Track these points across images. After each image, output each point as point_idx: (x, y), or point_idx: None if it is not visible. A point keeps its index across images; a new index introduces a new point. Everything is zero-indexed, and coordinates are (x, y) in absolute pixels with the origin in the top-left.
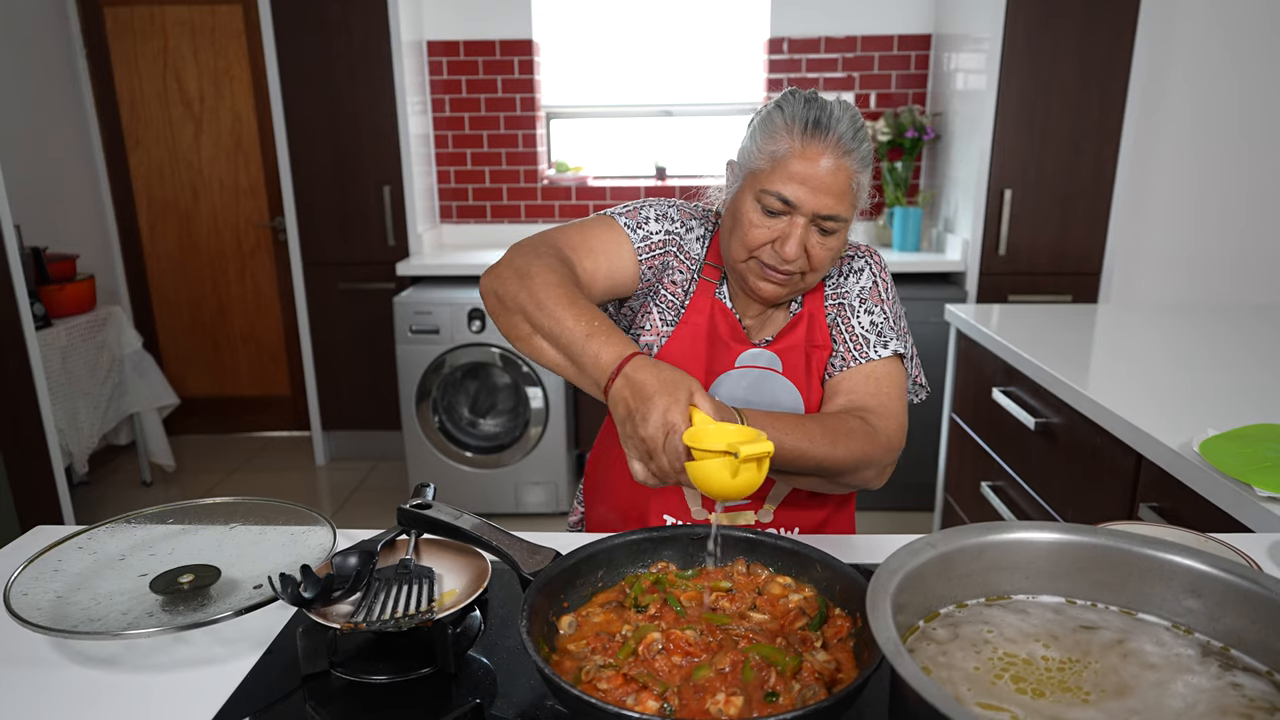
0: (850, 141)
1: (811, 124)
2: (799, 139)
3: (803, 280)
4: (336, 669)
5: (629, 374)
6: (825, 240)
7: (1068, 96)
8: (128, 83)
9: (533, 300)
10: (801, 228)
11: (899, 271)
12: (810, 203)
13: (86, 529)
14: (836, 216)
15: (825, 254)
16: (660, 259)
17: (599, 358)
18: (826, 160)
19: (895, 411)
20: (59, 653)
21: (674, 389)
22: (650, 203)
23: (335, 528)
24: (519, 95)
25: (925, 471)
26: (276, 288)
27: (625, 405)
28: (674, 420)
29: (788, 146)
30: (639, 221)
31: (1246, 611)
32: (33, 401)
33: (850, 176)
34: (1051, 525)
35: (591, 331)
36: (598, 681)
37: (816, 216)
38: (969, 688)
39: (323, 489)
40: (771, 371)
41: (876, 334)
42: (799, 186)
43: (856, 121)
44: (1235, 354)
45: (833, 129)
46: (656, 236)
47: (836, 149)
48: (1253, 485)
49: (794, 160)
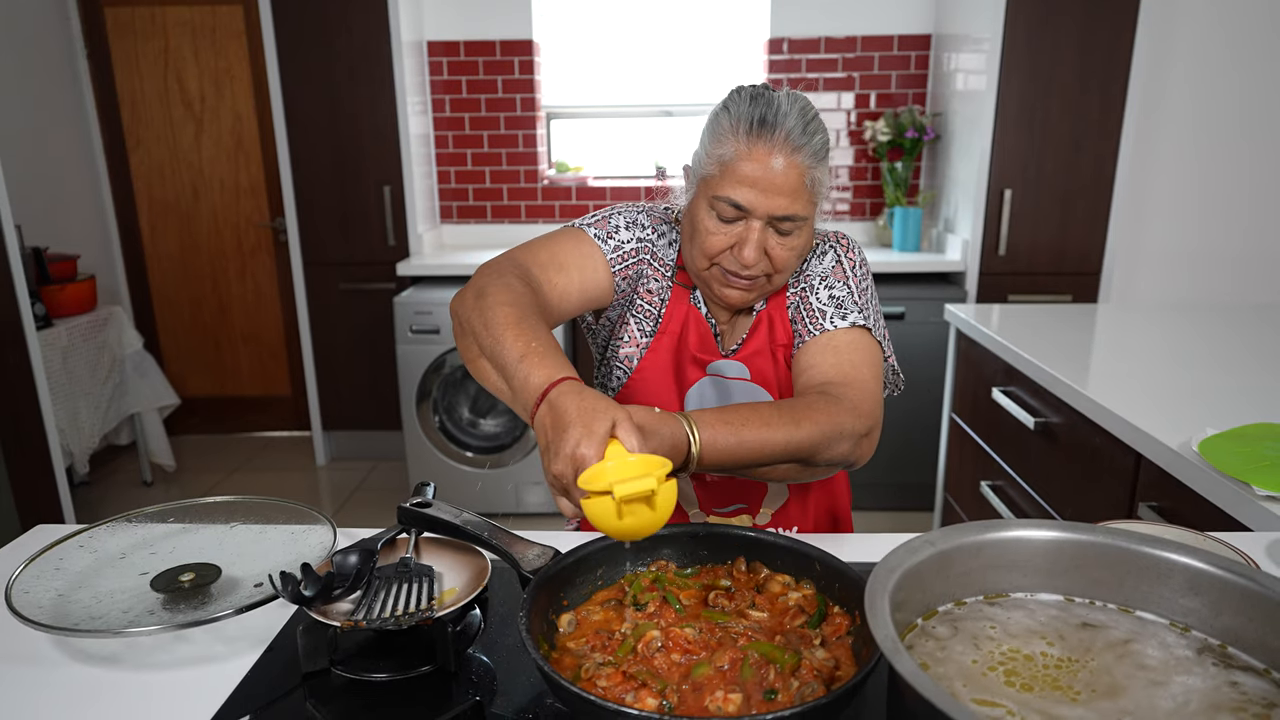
0: (800, 137)
1: (757, 123)
2: (744, 140)
3: (769, 282)
4: (337, 667)
5: (552, 399)
6: (785, 240)
7: (1067, 96)
8: (128, 83)
9: (482, 320)
10: (758, 231)
11: (899, 271)
12: (763, 205)
13: (87, 528)
14: (792, 216)
15: (788, 254)
16: (634, 268)
17: (528, 380)
18: (776, 160)
19: (861, 379)
20: (60, 651)
21: (591, 419)
22: (619, 210)
23: (335, 526)
24: (519, 95)
25: (925, 471)
26: (277, 288)
27: (544, 436)
28: (584, 454)
29: (734, 149)
30: (609, 231)
31: (1244, 609)
32: (33, 401)
33: (803, 173)
34: (1049, 523)
35: (526, 352)
36: (597, 679)
37: (772, 218)
38: (964, 683)
39: (323, 489)
40: (741, 381)
41: (835, 306)
42: (749, 190)
43: (807, 114)
44: (1235, 353)
45: (780, 125)
46: (629, 245)
47: (785, 146)
48: (1251, 484)
49: (742, 163)
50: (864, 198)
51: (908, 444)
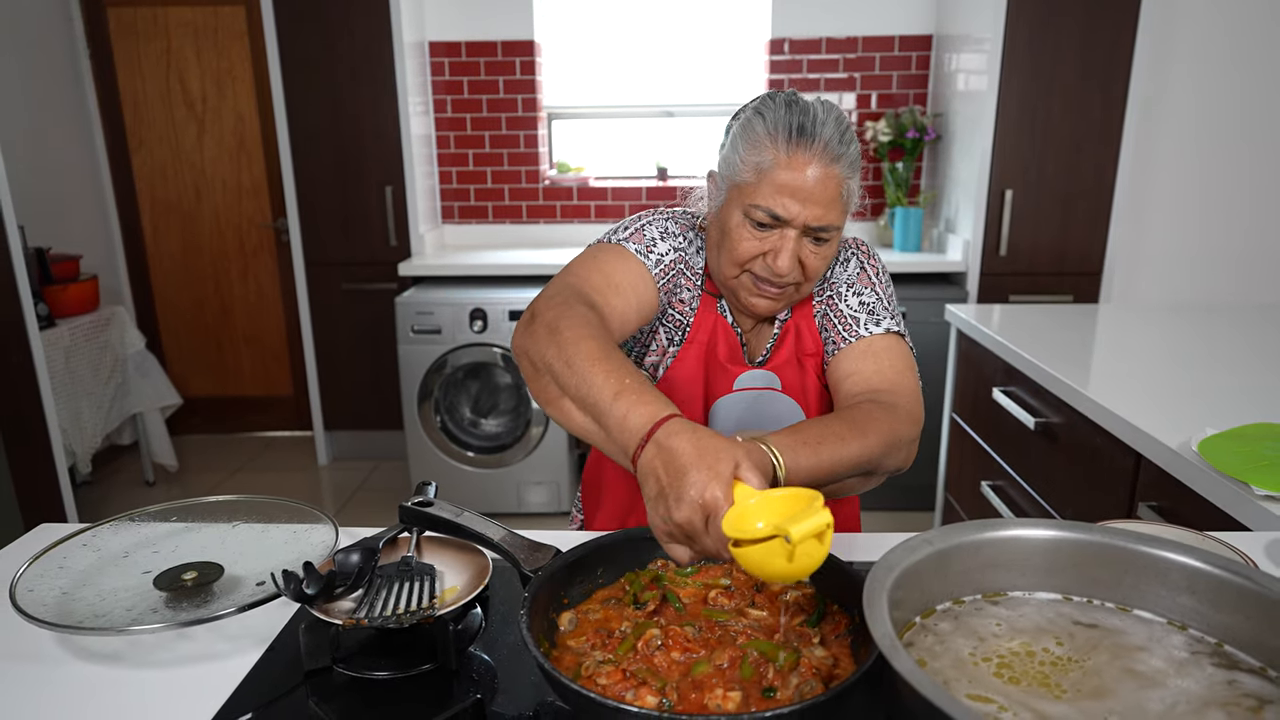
0: (838, 146)
1: (796, 131)
2: (784, 148)
3: (797, 291)
4: (339, 665)
5: (660, 440)
6: (818, 249)
7: (1068, 97)
8: (131, 83)
9: (561, 358)
10: (794, 240)
11: (900, 271)
12: (801, 215)
13: (90, 526)
14: (828, 227)
15: (819, 263)
16: (673, 280)
17: (626, 420)
18: (814, 169)
19: (907, 385)
20: (64, 648)
21: (715, 460)
22: (649, 220)
23: (338, 525)
24: (521, 96)
25: (926, 472)
26: (279, 288)
27: (656, 481)
28: (714, 498)
29: (772, 157)
30: (647, 245)
31: (1241, 607)
32: (36, 401)
33: (840, 184)
34: (1048, 522)
35: (621, 390)
36: (597, 677)
37: (808, 228)
38: (958, 678)
39: (325, 489)
40: (771, 391)
41: (867, 312)
42: (788, 200)
43: (842, 123)
44: (1235, 354)
45: (818, 135)
46: (668, 257)
47: (824, 156)
48: (1250, 484)
49: (780, 171)
50: (865, 198)
51: None
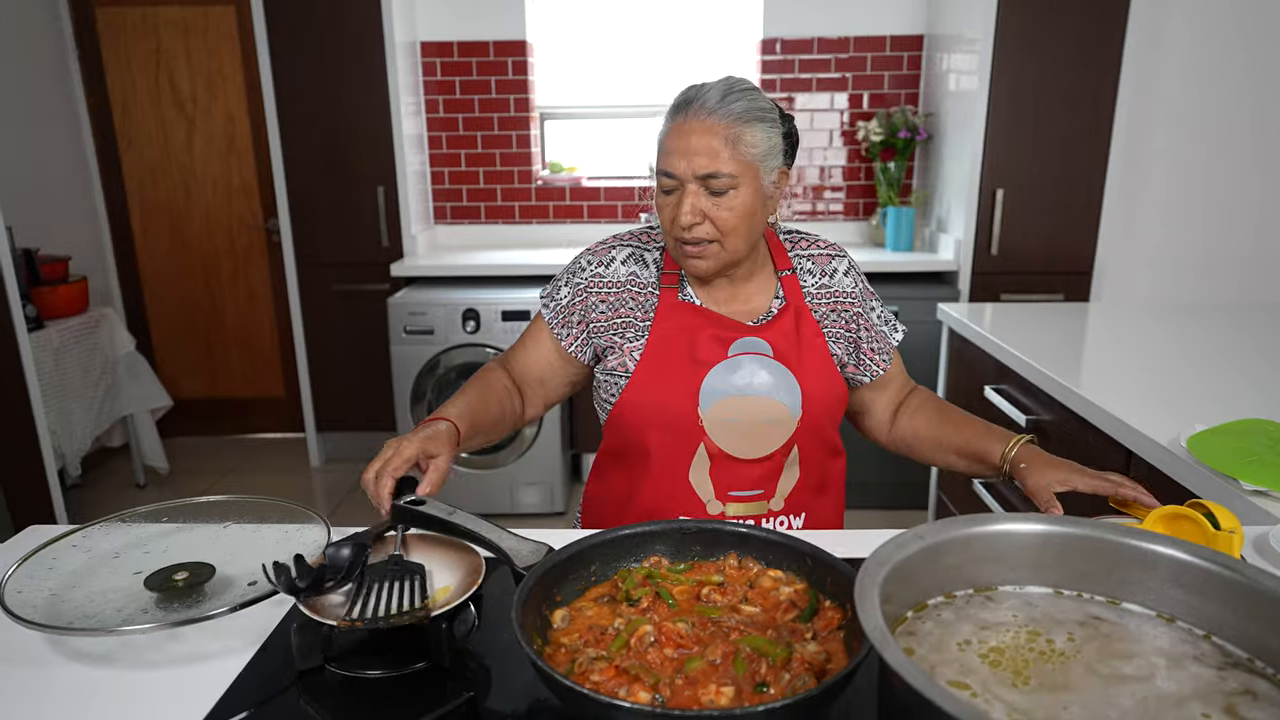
0: (718, 104)
1: (683, 103)
2: (671, 119)
3: (723, 248)
4: (331, 664)
5: None
6: (722, 200)
7: (1059, 96)
8: (120, 83)
9: None
10: (689, 194)
11: (892, 271)
12: (685, 167)
13: (81, 527)
14: (717, 174)
15: (728, 214)
16: (579, 311)
17: None
18: (696, 125)
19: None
20: (54, 650)
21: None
22: (565, 272)
23: (329, 525)
24: (513, 96)
25: (919, 470)
26: (270, 289)
27: None
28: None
29: (664, 129)
30: (553, 298)
31: (1228, 599)
32: (25, 404)
33: (720, 131)
34: (1037, 517)
35: None
36: (590, 673)
37: (697, 178)
38: (948, 668)
39: (317, 490)
40: (762, 356)
41: (884, 322)
42: (675, 157)
43: (733, 87)
44: (1223, 351)
45: (701, 99)
46: (565, 300)
47: (701, 112)
48: (1239, 479)
49: (670, 138)
50: (857, 198)
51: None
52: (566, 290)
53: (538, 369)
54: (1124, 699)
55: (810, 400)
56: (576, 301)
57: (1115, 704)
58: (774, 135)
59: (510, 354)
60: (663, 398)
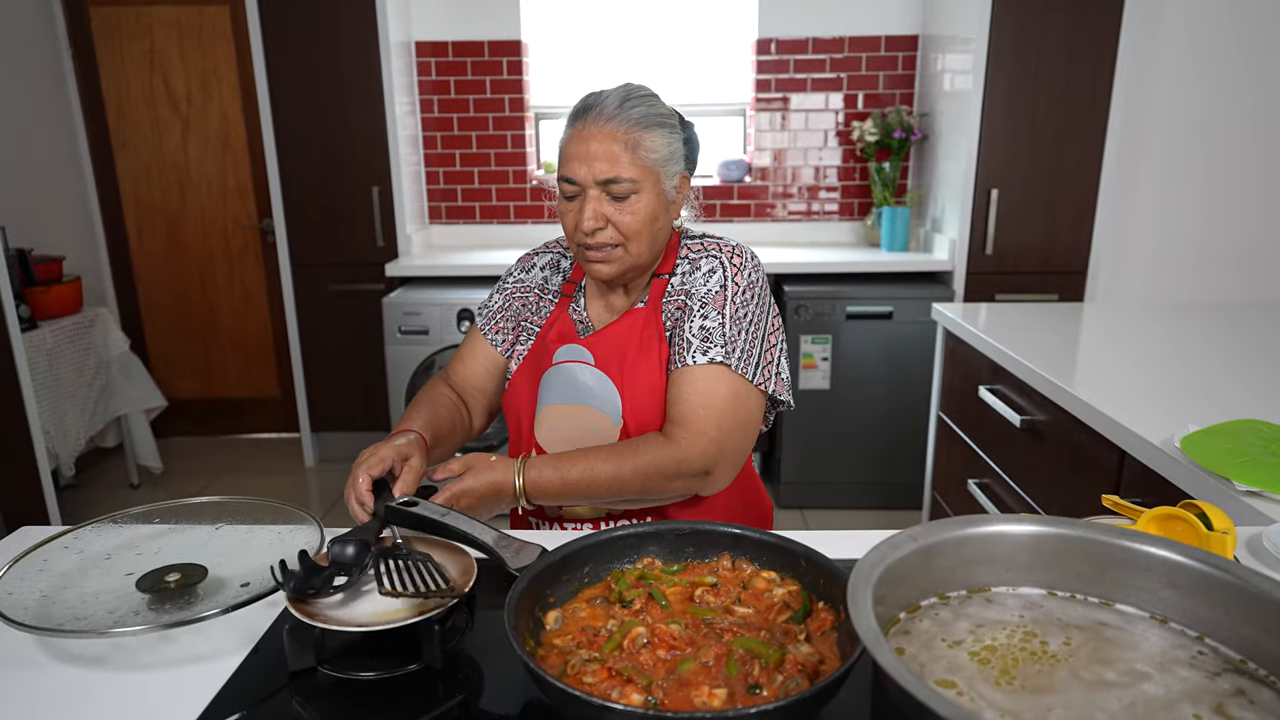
0: (616, 109)
1: (581, 109)
2: (571, 126)
3: (627, 253)
4: (324, 666)
5: None
6: (624, 205)
7: (1054, 96)
8: (114, 83)
9: None
10: (591, 199)
11: (887, 271)
12: (586, 172)
13: (72, 529)
14: (618, 179)
15: (630, 219)
16: (509, 316)
17: None
18: (594, 130)
19: (699, 420)
20: (45, 652)
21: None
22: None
23: (323, 526)
24: (508, 96)
25: (913, 470)
26: (265, 289)
27: None
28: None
29: (564, 136)
30: (486, 305)
31: (1221, 600)
32: (19, 404)
33: (620, 137)
34: (1030, 518)
35: None
36: (583, 675)
37: (598, 183)
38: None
39: (312, 491)
40: (582, 364)
41: (702, 339)
42: (575, 162)
43: (631, 94)
44: (1217, 351)
45: (599, 106)
46: (496, 305)
47: (600, 118)
48: (1232, 480)
49: (570, 144)
50: (851, 198)
51: (896, 443)
52: (497, 297)
53: (478, 378)
54: (1112, 701)
55: (633, 409)
56: (505, 306)
57: (1103, 706)
58: (674, 141)
59: (450, 368)
60: (518, 401)
